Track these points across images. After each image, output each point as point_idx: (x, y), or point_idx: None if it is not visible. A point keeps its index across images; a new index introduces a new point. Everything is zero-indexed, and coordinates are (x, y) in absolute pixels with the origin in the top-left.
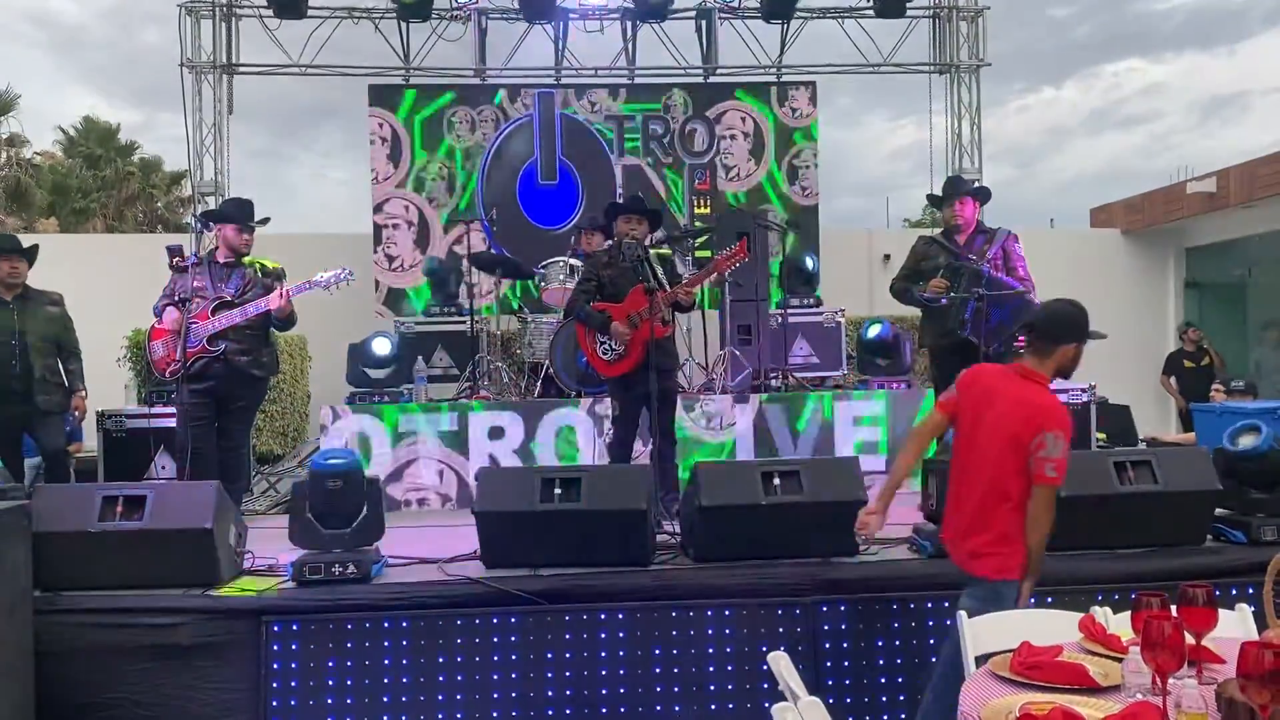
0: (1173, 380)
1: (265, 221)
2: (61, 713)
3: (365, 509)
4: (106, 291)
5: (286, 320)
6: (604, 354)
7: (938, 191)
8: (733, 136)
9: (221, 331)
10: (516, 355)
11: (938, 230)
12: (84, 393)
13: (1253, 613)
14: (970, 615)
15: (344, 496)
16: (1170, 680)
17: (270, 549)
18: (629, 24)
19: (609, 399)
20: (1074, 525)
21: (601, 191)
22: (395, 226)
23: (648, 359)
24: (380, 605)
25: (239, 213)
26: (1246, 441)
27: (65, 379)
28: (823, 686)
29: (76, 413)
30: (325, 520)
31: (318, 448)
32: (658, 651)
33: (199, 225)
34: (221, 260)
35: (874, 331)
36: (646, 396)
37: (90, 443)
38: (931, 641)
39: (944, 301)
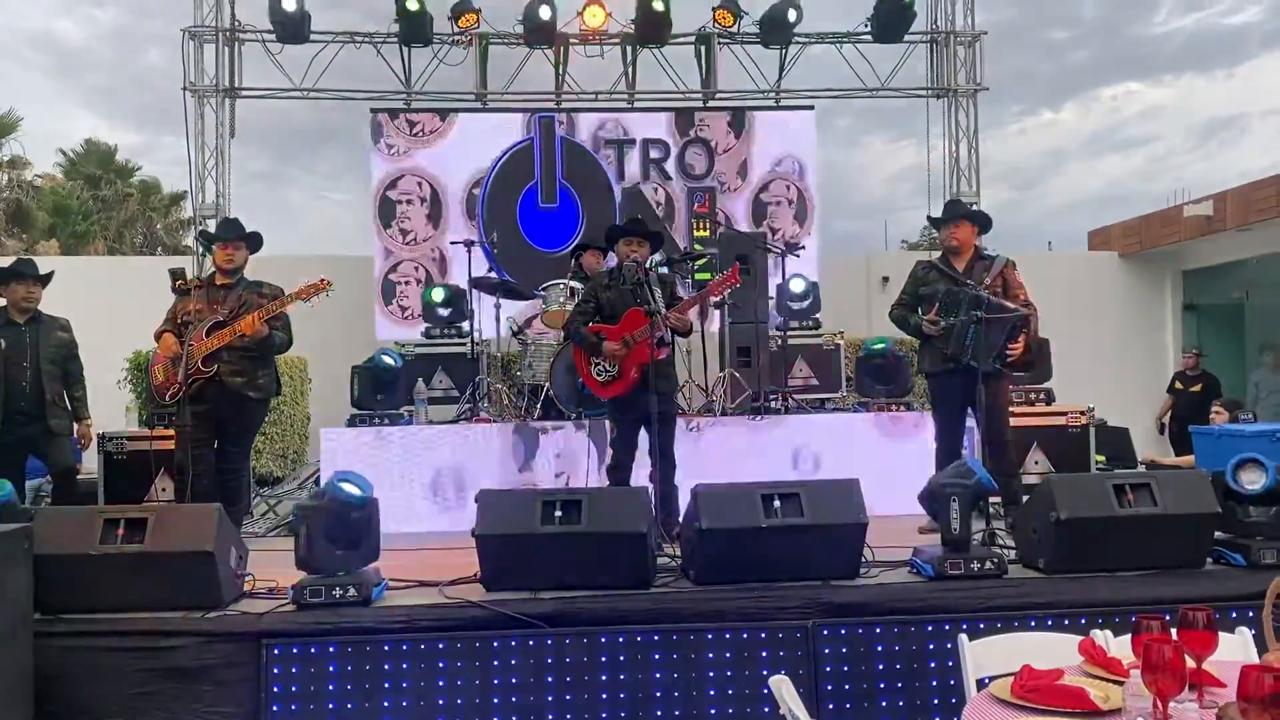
0: (1171, 401)
1: (246, 235)
2: None
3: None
4: (107, 314)
5: (265, 343)
6: (598, 375)
7: (939, 213)
8: (778, 204)
9: (215, 353)
10: (516, 377)
11: (936, 254)
12: (89, 420)
13: (1253, 636)
14: None
15: (352, 524)
16: (1171, 704)
17: (271, 571)
18: (629, 49)
19: (607, 421)
20: (1074, 547)
21: (602, 214)
22: (409, 202)
23: (644, 381)
24: (381, 628)
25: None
26: (1252, 480)
27: (70, 405)
28: (823, 710)
29: (82, 441)
30: (332, 543)
31: (317, 470)
32: (658, 675)
33: (200, 247)
34: (219, 282)
35: (877, 345)
36: (643, 418)
37: (90, 464)
38: (932, 665)
39: (942, 325)
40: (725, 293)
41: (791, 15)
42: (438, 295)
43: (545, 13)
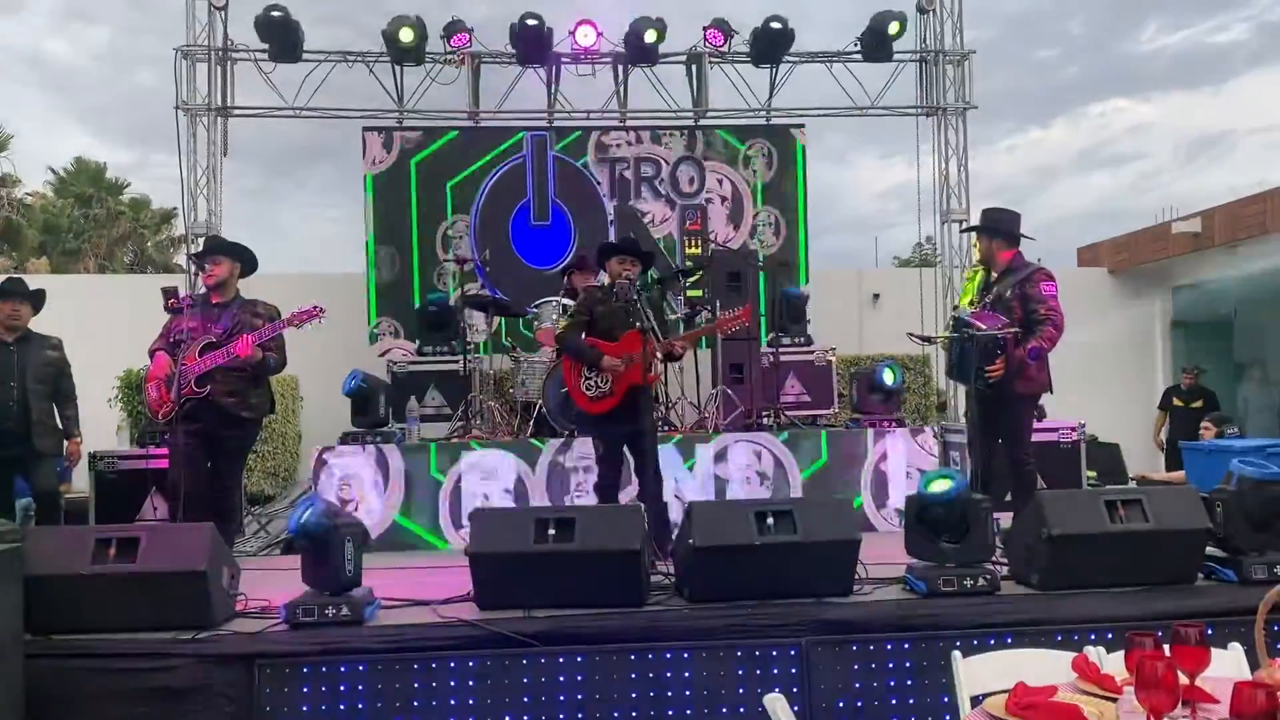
0: (1166, 416)
1: (224, 250)
2: None
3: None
4: (98, 332)
5: (261, 367)
6: (588, 390)
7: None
8: (709, 201)
9: (208, 373)
10: (509, 394)
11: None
12: (79, 439)
13: (1245, 652)
14: None
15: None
16: None
17: (263, 591)
18: (620, 68)
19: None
20: (1066, 564)
21: (594, 232)
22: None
23: (631, 399)
24: (373, 648)
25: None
26: None
27: (60, 423)
28: None
29: (71, 459)
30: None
31: (309, 489)
32: (652, 693)
33: (191, 266)
34: (214, 301)
35: (889, 379)
36: (629, 435)
37: (81, 484)
38: (926, 681)
39: (935, 341)
40: (734, 329)
41: (781, 38)
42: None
43: (530, 21)
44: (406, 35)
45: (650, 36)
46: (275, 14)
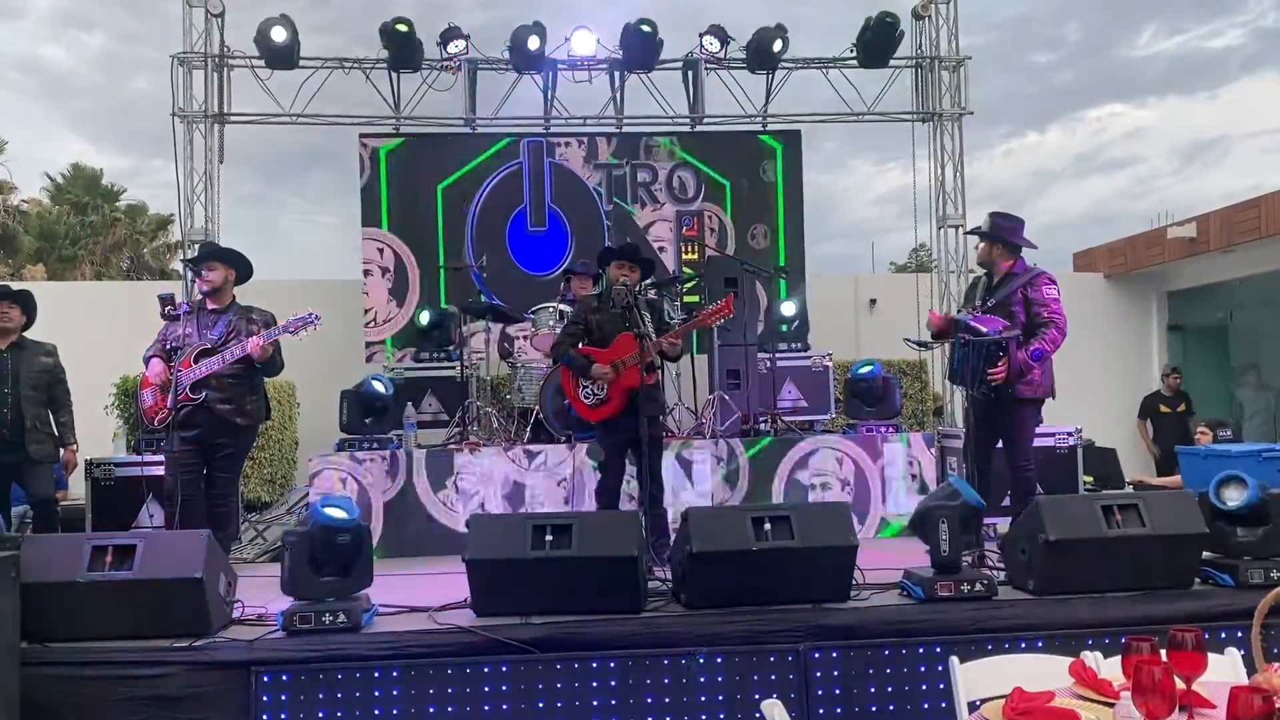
0: (1148, 424)
1: (217, 255)
2: None
3: (356, 557)
4: (94, 339)
5: (268, 365)
6: (586, 398)
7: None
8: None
9: (204, 379)
10: (506, 401)
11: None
12: (75, 446)
13: (1241, 656)
14: None
15: (340, 548)
16: None
17: (259, 597)
18: (617, 74)
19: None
20: (1063, 569)
21: (591, 238)
22: (368, 274)
23: (632, 404)
24: (370, 655)
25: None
26: (1233, 497)
27: (56, 430)
28: None
29: (67, 466)
30: (319, 569)
31: (306, 495)
32: (650, 700)
33: (187, 273)
34: (209, 307)
35: (864, 369)
36: (631, 442)
37: (78, 491)
38: (924, 687)
39: (932, 346)
40: (718, 321)
41: (777, 46)
42: (424, 319)
43: (534, 43)
44: (403, 26)
45: (646, 28)
46: (272, 21)
